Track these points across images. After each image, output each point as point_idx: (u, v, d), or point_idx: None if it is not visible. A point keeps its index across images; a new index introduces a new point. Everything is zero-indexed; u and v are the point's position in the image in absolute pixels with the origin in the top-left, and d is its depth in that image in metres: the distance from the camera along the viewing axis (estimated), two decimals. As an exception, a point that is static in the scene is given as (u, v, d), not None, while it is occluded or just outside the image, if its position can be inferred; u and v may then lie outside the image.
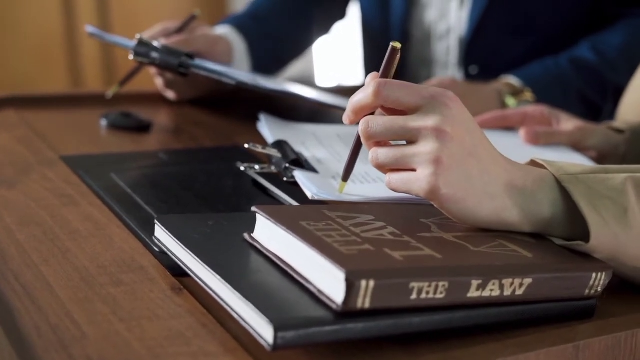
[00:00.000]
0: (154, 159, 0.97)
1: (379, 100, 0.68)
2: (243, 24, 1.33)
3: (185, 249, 0.64)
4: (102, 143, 1.04)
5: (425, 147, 0.65)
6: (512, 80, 1.24)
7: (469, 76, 1.37)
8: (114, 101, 1.16)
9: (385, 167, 0.69)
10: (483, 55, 1.37)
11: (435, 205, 0.67)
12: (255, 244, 0.65)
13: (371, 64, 1.53)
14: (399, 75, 1.46)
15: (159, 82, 1.22)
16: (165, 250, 0.67)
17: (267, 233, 0.64)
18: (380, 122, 0.68)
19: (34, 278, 0.66)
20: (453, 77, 1.22)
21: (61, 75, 2.45)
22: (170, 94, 1.23)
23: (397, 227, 0.65)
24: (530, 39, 1.36)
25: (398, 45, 0.70)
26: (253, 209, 0.66)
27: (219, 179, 0.90)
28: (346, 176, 0.77)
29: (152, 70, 1.19)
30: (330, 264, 0.56)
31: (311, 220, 0.64)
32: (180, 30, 1.21)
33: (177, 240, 0.65)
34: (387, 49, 0.69)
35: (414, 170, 0.66)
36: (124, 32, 1.31)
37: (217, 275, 0.59)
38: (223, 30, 1.29)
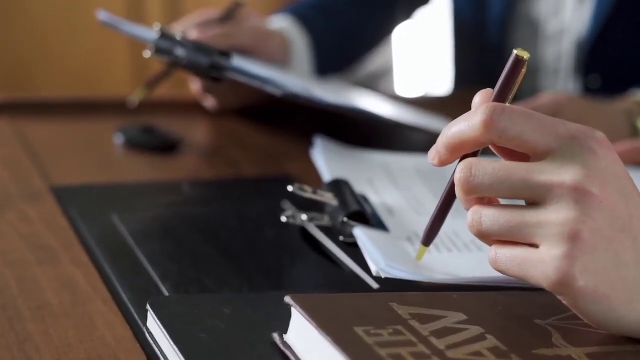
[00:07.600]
0: (174, 194, 0.80)
1: (491, 135, 0.50)
2: (306, 15, 1.17)
3: (181, 357, 0.47)
4: (111, 168, 0.88)
5: (557, 215, 0.48)
6: (644, 97, 1.05)
7: (588, 89, 1.19)
8: (136, 110, 0.99)
9: (491, 237, 0.51)
10: (608, 64, 1.19)
11: (563, 301, 0.49)
12: (288, 353, 0.48)
13: (463, 69, 1.36)
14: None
15: (195, 85, 1.06)
16: (158, 351, 0.50)
17: (305, 337, 0.47)
18: (489, 169, 0.50)
19: (-29, 382, 0.50)
20: (568, 93, 1.03)
21: (124, 64, 2.38)
22: (210, 102, 1.06)
23: (501, 337, 0.48)
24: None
25: (525, 55, 0.52)
26: (287, 300, 0.48)
27: (256, 225, 0.74)
28: (428, 240, 0.59)
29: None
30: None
31: (372, 324, 0.47)
32: (223, 20, 1.04)
33: (172, 342, 0.48)
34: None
35: (535, 246, 0.49)
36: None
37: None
38: (280, 22, 1.14)
